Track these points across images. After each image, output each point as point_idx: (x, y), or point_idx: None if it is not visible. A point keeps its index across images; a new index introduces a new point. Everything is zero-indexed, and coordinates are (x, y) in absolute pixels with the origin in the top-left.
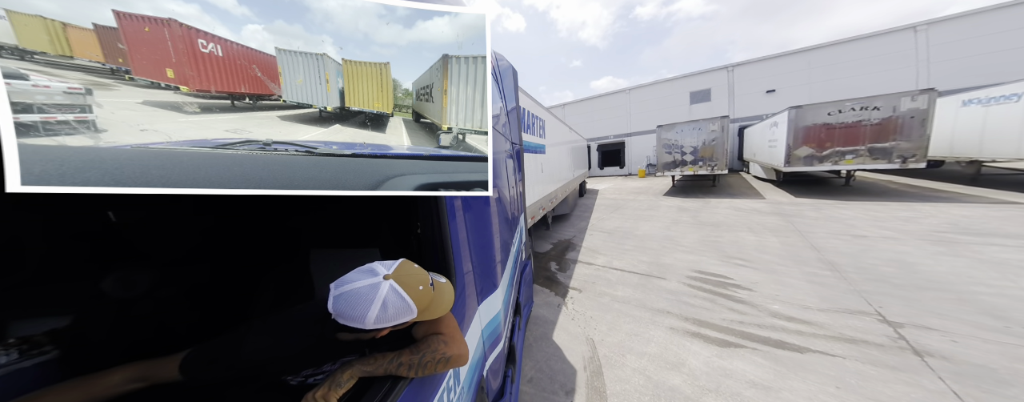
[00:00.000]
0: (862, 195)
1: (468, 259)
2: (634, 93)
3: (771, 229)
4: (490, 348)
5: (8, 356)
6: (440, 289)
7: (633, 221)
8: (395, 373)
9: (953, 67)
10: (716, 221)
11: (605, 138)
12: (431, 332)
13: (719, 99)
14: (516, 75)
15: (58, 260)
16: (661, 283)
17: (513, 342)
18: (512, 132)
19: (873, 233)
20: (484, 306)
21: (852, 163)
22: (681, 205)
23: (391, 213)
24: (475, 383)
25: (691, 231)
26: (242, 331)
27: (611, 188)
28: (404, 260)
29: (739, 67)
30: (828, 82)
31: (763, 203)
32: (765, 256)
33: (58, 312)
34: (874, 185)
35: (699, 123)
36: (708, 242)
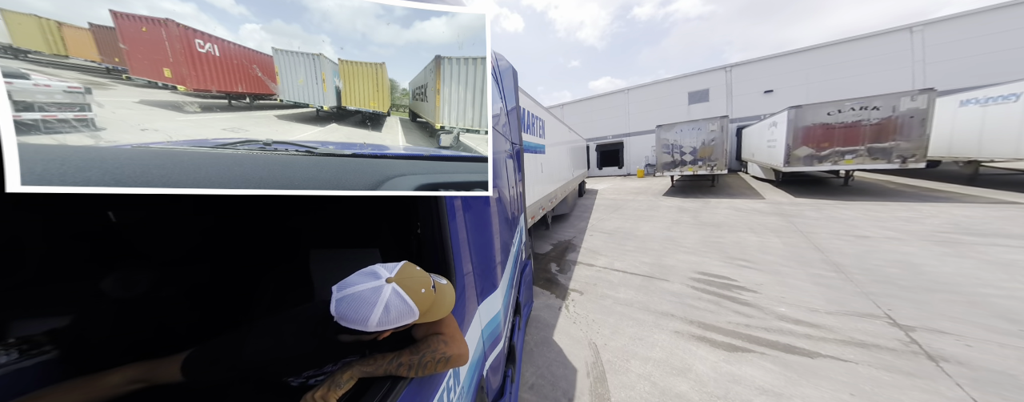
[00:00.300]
0: (862, 195)
1: (468, 259)
2: (633, 93)
3: (773, 230)
4: (490, 348)
5: (8, 356)
6: (441, 291)
7: (633, 221)
8: (395, 373)
9: (949, 68)
10: (717, 221)
11: (604, 138)
12: (431, 332)
13: (717, 99)
14: (516, 75)
15: (58, 260)
16: (664, 285)
17: (513, 342)
18: (512, 132)
19: (876, 234)
20: (484, 306)
21: (851, 163)
22: (681, 205)
23: (391, 213)
24: (475, 383)
25: (692, 232)
26: (243, 332)
27: (610, 188)
28: (406, 263)
29: (737, 67)
30: (826, 82)
31: (763, 203)
32: (768, 257)
33: (58, 312)
34: (873, 185)
35: (698, 123)
36: (710, 243)
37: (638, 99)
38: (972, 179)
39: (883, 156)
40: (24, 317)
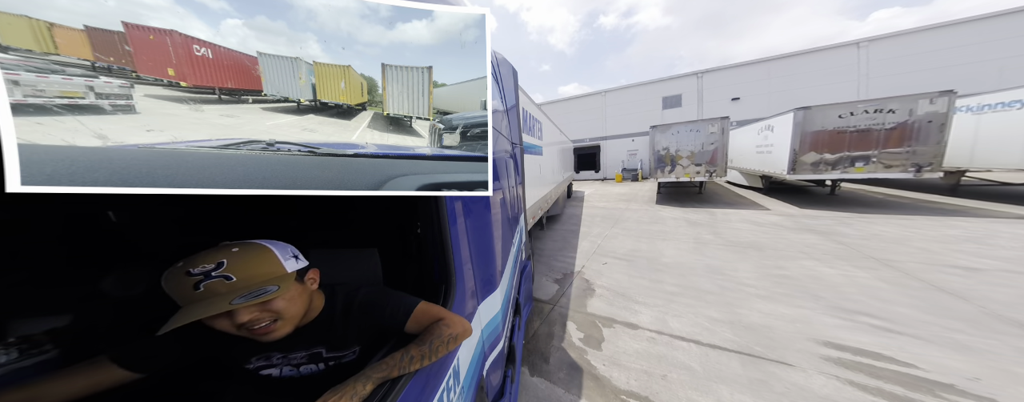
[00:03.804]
0: (866, 207)
1: (468, 259)
2: (610, 96)
3: (832, 254)
4: (490, 348)
5: (8, 355)
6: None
7: (648, 241)
8: (410, 368)
9: (891, 83)
10: (748, 240)
11: (580, 141)
12: (427, 322)
13: (689, 105)
14: (516, 75)
15: (58, 260)
16: (787, 376)
17: (513, 342)
18: (513, 132)
19: (977, 263)
20: (484, 306)
21: (862, 171)
22: (686, 217)
23: (391, 213)
24: (475, 383)
25: (733, 257)
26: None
27: (595, 193)
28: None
29: (708, 74)
30: (784, 92)
31: (774, 215)
32: (891, 305)
33: (58, 311)
34: (861, 196)
35: (697, 124)
36: (777, 278)
37: (615, 101)
38: (953, 190)
39: (897, 164)
40: (24, 316)
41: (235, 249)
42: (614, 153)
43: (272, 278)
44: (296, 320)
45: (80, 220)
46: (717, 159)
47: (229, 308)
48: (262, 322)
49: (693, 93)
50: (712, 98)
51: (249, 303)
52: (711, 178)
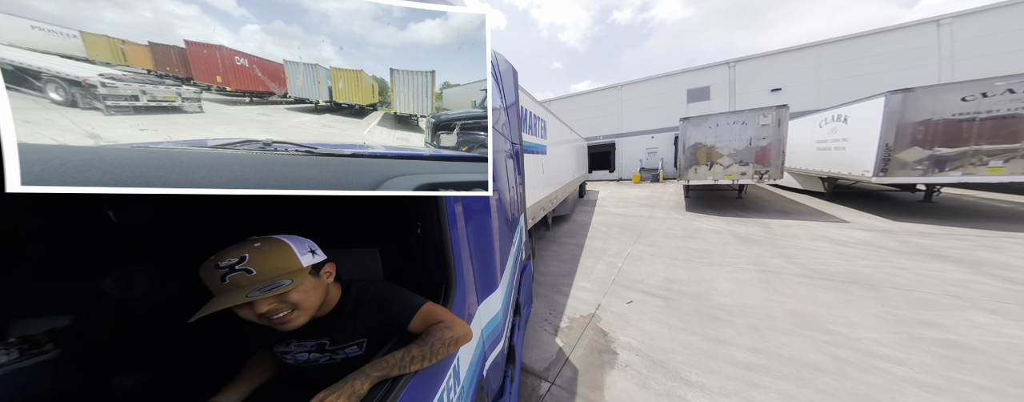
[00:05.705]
0: (994, 220)
1: (468, 259)
2: (626, 90)
3: (1007, 299)
4: (490, 348)
5: (8, 356)
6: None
7: (688, 265)
8: (409, 369)
9: (980, 65)
10: (844, 270)
11: (593, 139)
12: (431, 322)
13: (719, 97)
14: (516, 75)
15: (58, 260)
16: None
17: (513, 342)
18: (512, 132)
19: None
20: (484, 306)
21: (1000, 173)
22: (731, 230)
23: (391, 213)
24: (475, 383)
25: (835, 300)
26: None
27: (610, 196)
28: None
29: (741, 63)
30: (839, 80)
31: (860, 231)
32: None
33: (58, 312)
34: (969, 204)
35: (743, 115)
36: (935, 344)
37: (632, 96)
38: None
39: None
40: (24, 317)
41: (257, 244)
42: (631, 151)
43: (287, 272)
44: (312, 311)
45: (80, 220)
46: (769, 157)
47: (246, 300)
48: (280, 312)
49: (724, 84)
50: (746, 90)
51: (264, 296)
52: (762, 180)
